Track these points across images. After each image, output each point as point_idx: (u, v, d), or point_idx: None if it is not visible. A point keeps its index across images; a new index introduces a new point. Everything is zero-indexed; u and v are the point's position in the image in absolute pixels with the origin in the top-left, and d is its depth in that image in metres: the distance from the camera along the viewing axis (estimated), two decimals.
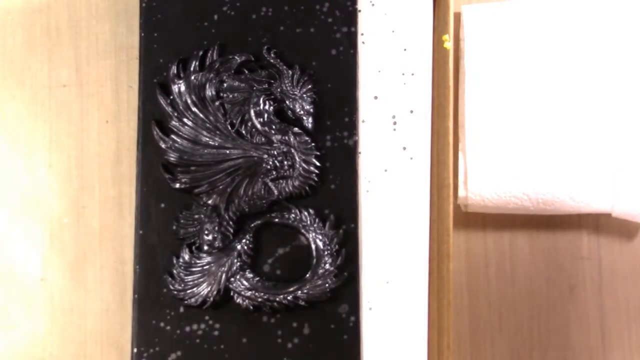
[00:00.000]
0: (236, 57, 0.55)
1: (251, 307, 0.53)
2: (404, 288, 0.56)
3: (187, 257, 0.54)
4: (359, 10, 0.56)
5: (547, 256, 0.60)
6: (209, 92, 0.55)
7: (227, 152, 0.54)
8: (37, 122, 0.60)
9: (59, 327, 0.58)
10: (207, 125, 0.54)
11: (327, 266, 0.53)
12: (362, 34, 0.57)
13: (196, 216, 0.54)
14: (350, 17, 0.55)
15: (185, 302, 0.53)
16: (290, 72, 0.54)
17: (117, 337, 0.58)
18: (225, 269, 0.53)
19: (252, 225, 0.54)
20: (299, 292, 0.53)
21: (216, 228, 0.54)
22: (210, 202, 0.54)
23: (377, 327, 0.55)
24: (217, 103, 0.54)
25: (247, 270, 0.54)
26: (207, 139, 0.54)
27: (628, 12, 0.58)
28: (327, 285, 0.53)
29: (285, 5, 0.55)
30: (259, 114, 0.54)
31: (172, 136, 0.54)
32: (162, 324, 0.53)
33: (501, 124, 0.57)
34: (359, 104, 0.55)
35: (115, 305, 0.58)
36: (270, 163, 0.54)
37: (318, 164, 0.54)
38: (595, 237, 0.60)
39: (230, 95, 0.55)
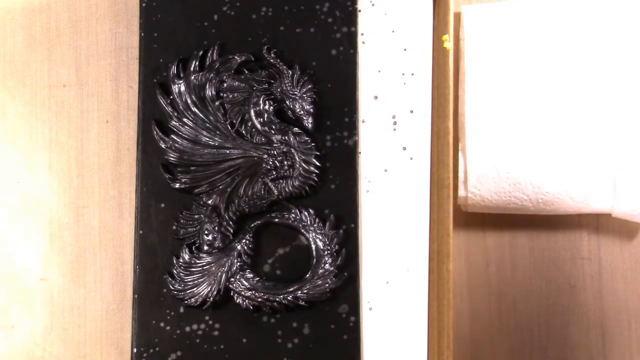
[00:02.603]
0: (236, 57, 0.55)
1: (251, 307, 0.53)
2: (404, 288, 0.56)
3: (187, 257, 0.54)
4: (359, 10, 0.56)
5: (547, 256, 0.60)
6: (209, 92, 0.55)
7: (227, 152, 0.54)
8: (37, 122, 0.60)
9: (59, 327, 0.58)
10: (207, 125, 0.54)
11: (327, 266, 0.53)
12: (362, 34, 0.57)
13: (196, 216, 0.54)
14: (350, 17, 0.55)
15: (185, 302, 0.53)
16: (290, 72, 0.54)
17: (117, 337, 0.58)
18: (225, 269, 0.53)
19: (252, 225, 0.54)
20: (299, 292, 0.53)
21: (216, 228, 0.54)
22: (210, 202, 0.54)
23: (377, 327, 0.55)
24: (217, 103, 0.54)
25: (247, 271, 0.54)
26: (207, 139, 0.54)
27: (628, 12, 0.58)
28: (327, 285, 0.53)
29: (285, 5, 0.55)
30: (259, 114, 0.54)
31: (172, 136, 0.54)
32: (162, 324, 0.53)
33: (501, 124, 0.57)
34: (359, 104, 0.55)
35: (115, 305, 0.58)
36: (270, 163, 0.54)
37: (318, 164, 0.54)
38: (595, 237, 0.60)
39: (230, 95, 0.55)
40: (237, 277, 0.53)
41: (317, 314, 0.53)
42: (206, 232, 0.54)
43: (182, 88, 0.54)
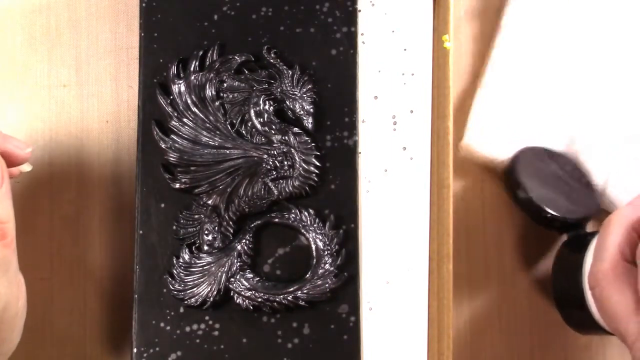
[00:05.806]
0: (236, 57, 0.55)
1: (251, 307, 0.53)
2: (404, 288, 0.56)
3: (187, 257, 0.54)
4: (359, 10, 0.56)
5: (547, 256, 0.60)
6: (209, 92, 0.54)
7: (227, 152, 0.54)
8: (37, 122, 0.60)
9: (59, 327, 0.58)
10: (207, 125, 0.54)
11: (327, 266, 0.53)
12: (362, 34, 0.57)
13: (196, 216, 0.54)
14: (350, 17, 0.55)
15: (185, 302, 0.53)
16: (290, 72, 0.54)
17: (117, 337, 0.58)
18: (225, 269, 0.53)
19: (252, 225, 0.54)
20: (299, 292, 0.53)
21: (216, 228, 0.54)
22: (210, 202, 0.54)
23: (377, 327, 0.55)
24: (217, 103, 0.54)
25: (247, 271, 0.54)
26: (207, 139, 0.54)
27: None
28: (327, 285, 0.53)
29: (285, 5, 0.55)
30: (259, 114, 0.54)
31: (172, 136, 0.54)
32: (162, 324, 0.53)
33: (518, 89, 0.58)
34: (359, 104, 0.55)
35: (115, 305, 0.58)
36: (270, 163, 0.54)
37: (318, 164, 0.54)
38: None
39: (230, 95, 0.55)
40: (237, 277, 0.53)
41: (317, 314, 0.53)
42: (206, 232, 0.54)
43: (182, 88, 0.54)
